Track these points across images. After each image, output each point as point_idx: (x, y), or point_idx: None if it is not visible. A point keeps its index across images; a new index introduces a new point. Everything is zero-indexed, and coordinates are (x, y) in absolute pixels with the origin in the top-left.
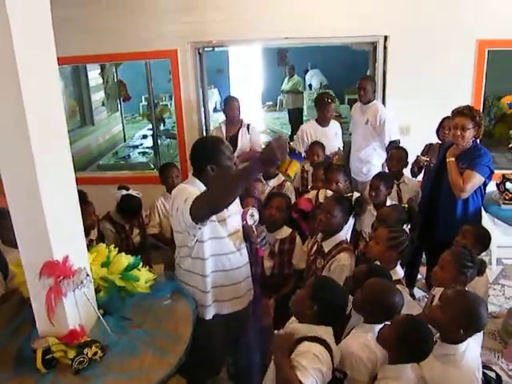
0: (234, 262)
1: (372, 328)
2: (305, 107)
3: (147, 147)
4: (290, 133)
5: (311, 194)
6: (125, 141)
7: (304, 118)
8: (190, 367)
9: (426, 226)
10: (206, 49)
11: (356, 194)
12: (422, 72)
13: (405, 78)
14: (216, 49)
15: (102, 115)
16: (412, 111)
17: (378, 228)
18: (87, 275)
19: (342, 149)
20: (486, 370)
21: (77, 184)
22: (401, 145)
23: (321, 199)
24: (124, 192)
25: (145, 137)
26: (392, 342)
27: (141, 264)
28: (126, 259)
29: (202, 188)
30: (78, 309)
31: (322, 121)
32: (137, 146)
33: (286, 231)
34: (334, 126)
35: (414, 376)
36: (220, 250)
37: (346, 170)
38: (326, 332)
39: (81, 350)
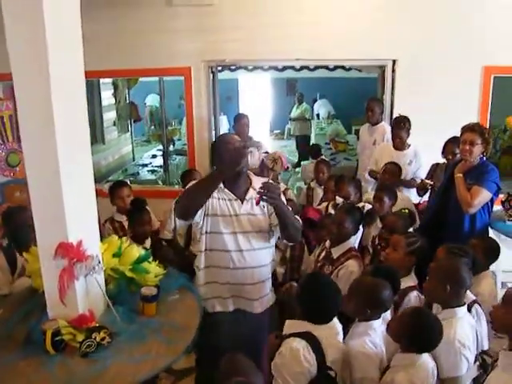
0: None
1: (370, 325)
2: (313, 135)
3: (156, 166)
4: (297, 160)
5: (321, 206)
6: (134, 160)
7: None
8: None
9: (432, 241)
10: (218, 68)
11: (368, 206)
12: (428, 96)
13: (412, 101)
14: (226, 76)
15: (113, 135)
16: (418, 134)
17: (387, 237)
18: (99, 262)
19: (416, 180)
20: None
21: None
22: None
23: (330, 210)
24: None
25: (154, 156)
26: (400, 332)
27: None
28: (137, 251)
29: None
30: (88, 294)
31: (395, 144)
32: (146, 165)
33: None
34: (411, 154)
35: (426, 365)
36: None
37: (358, 183)
38: (316, 329)
39: (89, 334)
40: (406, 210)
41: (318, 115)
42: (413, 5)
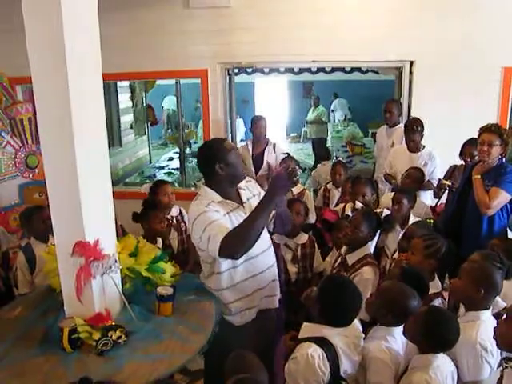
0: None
1: (389, 330)
2: (329, 138)
3: (173, 168)
4: (313, 163)
5: (338, 207)
6: (150, 163)
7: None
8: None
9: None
10: (235, 70)
11: (386, 212)
12: (446, 97)
13: (430, 102)
14: (242, 79)
15: (130, 137)
16: (436, 135)
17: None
18: (116, 262)
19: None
20: None
21: None
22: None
23: (347, 212)
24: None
25: (171, 159)
26: (417, 333)
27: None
28: (153, 251)
29: (216, 198)
30: (104, 293)
31: (409, 146)
32: (162, 167)
33: (304, 236)
34: (425, 156)
35: (443, 367)
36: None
37: (373, 183)
38: (333, 333)
39: (105, 333)
40: (431, 221)
41: (333, 113)
42: (430, 5)
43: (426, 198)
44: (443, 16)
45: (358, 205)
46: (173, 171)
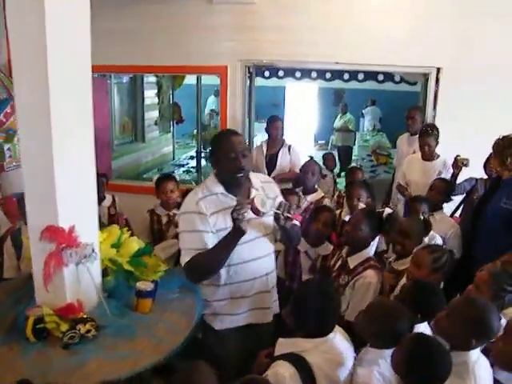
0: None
1: (381, 353)
2: (356, 147)
3: (192, 167)
4: (338, 171)
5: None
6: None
7: (353, 158)
8: None
9: (464, 256)
10: (258, 69)
11: (388, 210)
12: (473, 105)
13: (456, 111)
14: (274, 83)
15: (154, 134)
16: (461, 144)
17: (403, 244)
18: (93, 251)
19: None
20: None
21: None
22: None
23: (344, 218)
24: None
25: (192, 158)
26: (400, 365)
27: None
28: (137, 244)
29: (218, 189)
30: (79, 284)
31: (423, 154)
32: (183, 165)
33: (329, 247)
34: (440, 164)
35: None
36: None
37: (370, 186)
38: (310, 347)
39: (74, 325)
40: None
41: (363, 120)
42: (457, 10)
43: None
44: (472, 21)
45: (361, 205)
46: (191, 169)
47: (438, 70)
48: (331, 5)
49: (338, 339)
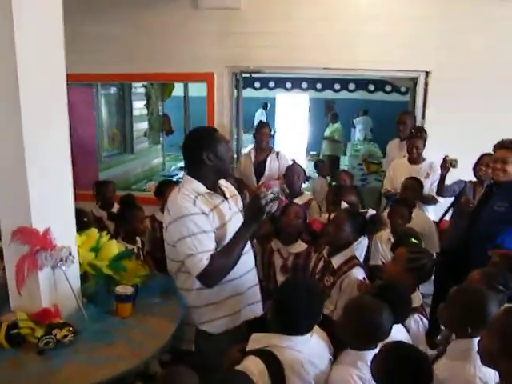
0: None
1: (361, 355)
2: (346, 156)
3: (181, 178)
4: (329, 180)
5: (323, 218)
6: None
7: (344, 167)
8: None
9: (458, 265)
10: (243, 75)
11: (371, 212)
12: (462, 109)
13: (445, 115)
14: (264, 94)
15: (143, 145)
16: (450, 148)
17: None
18: (70, 254)
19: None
20: None
21: None
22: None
23: None
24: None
25: (181, 168)
26: (379, 372)
27: (134, 257)
28: (116, 248)
29: (201, 189)
30: (56, 288)
31: (410, 157)
32: (172, 176)
33: (301, 245)
34: (427, 167)
35: None
36: None
37: (358, 191)
38: (283, 344)
39: (49, 330)
40: (416, 241)
41: (354, 130)
42: (446, 14)
43: (430, 214)
44: (460, 25)
45: (344, 205)
46: (181, 180)
47: (427, 73)
48: (318, 10)
49: (315, 340)
